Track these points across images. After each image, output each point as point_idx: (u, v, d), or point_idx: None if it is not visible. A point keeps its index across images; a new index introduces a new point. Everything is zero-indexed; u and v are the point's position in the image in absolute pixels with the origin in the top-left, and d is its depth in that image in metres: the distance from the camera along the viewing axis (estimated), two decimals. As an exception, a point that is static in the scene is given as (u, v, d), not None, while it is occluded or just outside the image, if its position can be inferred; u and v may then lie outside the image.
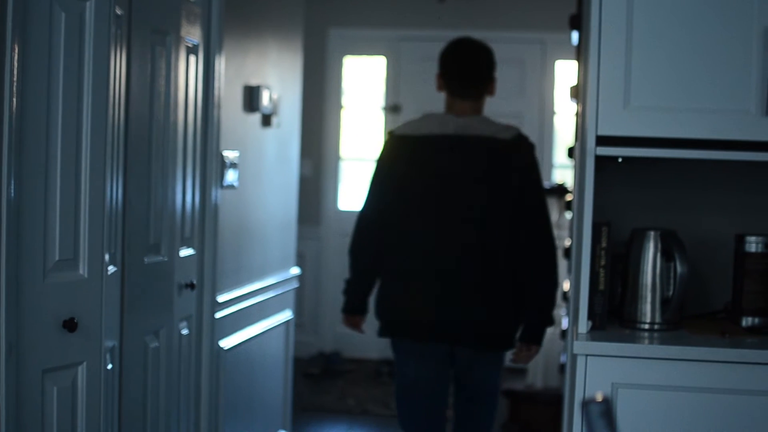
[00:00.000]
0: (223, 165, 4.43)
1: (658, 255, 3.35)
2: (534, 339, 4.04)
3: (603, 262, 3.28)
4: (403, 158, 4.10)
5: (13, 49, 2.79)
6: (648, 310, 3.35)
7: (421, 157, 4.06)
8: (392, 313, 4.10)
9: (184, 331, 4.20)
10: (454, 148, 4.02)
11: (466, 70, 4.13)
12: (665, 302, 3.34)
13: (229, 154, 4.50)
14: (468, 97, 4.11)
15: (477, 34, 4.76)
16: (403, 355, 4.11)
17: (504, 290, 3.99)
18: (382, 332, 4.14)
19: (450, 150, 4.02)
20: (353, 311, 4.30)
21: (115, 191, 3.45)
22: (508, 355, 4.20)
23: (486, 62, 4.15)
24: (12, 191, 2.82)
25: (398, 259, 4.06)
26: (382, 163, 4.17)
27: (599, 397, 1.75)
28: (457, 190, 4.02)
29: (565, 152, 6.21)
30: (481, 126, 4.04)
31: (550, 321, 4.04)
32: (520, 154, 4.02)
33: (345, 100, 8.52)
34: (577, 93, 4.77)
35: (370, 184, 4.19)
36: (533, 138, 4.40)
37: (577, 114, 4.77)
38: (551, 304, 4.05)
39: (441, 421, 4.18)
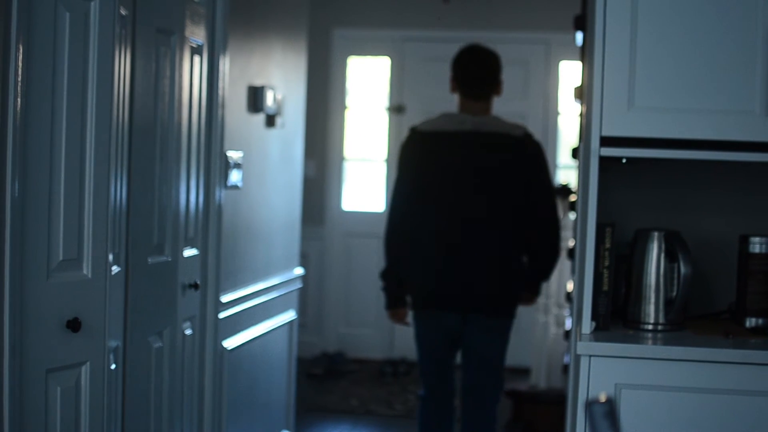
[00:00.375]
0: (227, 165, 4.44)
1: (662, 256, 3.35)
2: (536, 291, 4.83)
3: (607, 263, 3.28)
4: (426, 152, 4.65)
5: (17, 49, 2.80)
6: (651, 311, 3.35)
7: (443, 151, 4.63)
8: (419, 289, 4.69)
9: (188, 332, 4.20)
10: (472, 143, 4.60)
11: (478, 74, 4.70)
12: (669, 303, 3.34)
13: (233, 155, 4.51)
14: (480, 98, 4.69)
15: (481, 35, 5.08)
16: (422, 321, 4.72)
17: (511, 268, 4.63)
18: (412, 305, 4.76)
19: (468, 145, 4.61)
20: (395, 305, 4.78)
21: (119, 191, 3.45)
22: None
23: (494, 66, 4.72)
24: (16, 191, 2.82)
25: (424, 243, 4.64)
26: (406, 157, 4.72)
27: (603, 398, 1.75)
28: (475, 180, 4.60)
29: (569, 153, 6.21)
30: (494, 124, 4.63)
31: (548, 278, 4.85)
32: (528, 148, 4.62)
33: (349, 100, 8.52)
34: (581, 93, 4.77)
35: (397, 178, 4.75)
36: (537, 137, 4.89)
37: (581, 114, 4.77)
38: (552, 268, 4.78)
39: (451, 377, 4.77)
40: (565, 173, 8.28)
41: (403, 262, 4.68)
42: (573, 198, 6.05)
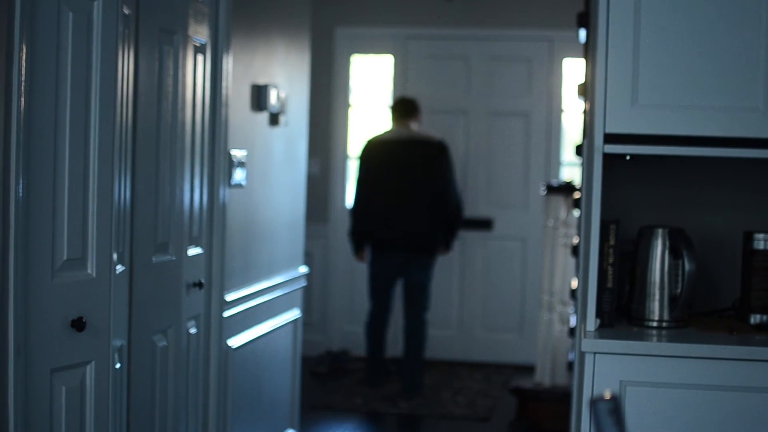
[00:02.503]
0: (230, 164, 4.44)
1: (666, 252, 3.35)
2: (448, 246, 7.24)
3: (611, 260, 3.28)
4: (379, 153, 7.12)
5: (21, 49, 2.80)
6: (656, 308, 3.35)
7: (390, 151, 7.10)
8: (373, 238, 7.14)
9: (193, 330, 4.20)
10: (408, 146, 7.10)
11: (404, 108, 7.27)
12: (673, 300, 3.34)
13: (237, 153, 4.51)
14: (405, 118, 7.23)
15: (484, 32, 5.90)
16: (376, 259, 7.18)
17: (433, 223, 7.02)
18: (368, 247, 7.19)
19: (405, 147, 7.10)
20: (359, 249, 7.26)
21: (123, 190, 3.46)
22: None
23: (413, 105, 7.28)
24: (20, 190, 2.83)
25: (377, 210, 7.09)
26: (366, 157, 7.15)
27: (607, 395, 1.75)
28: (410, 170, 7.04)
29: (573, 150, 6.21)
30: (419, 134, 7.20)
31: (456, 237, 7.24)
32: (440, 150, 7.07)
33: (353, 98, 8.53)
34: (584, 91, 4.77)
35: (360, 171, 7.16)
36: (540, 134, 8.17)
37: (584, 112, 4.77)
38: (457, 228, 7.18)
39: (392, 296, 7.28)
40: (569, 170, 8.28)
41: (364, 225, 7.13)
42: (577, 195, 6.04)
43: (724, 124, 3.17)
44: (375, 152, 7.11)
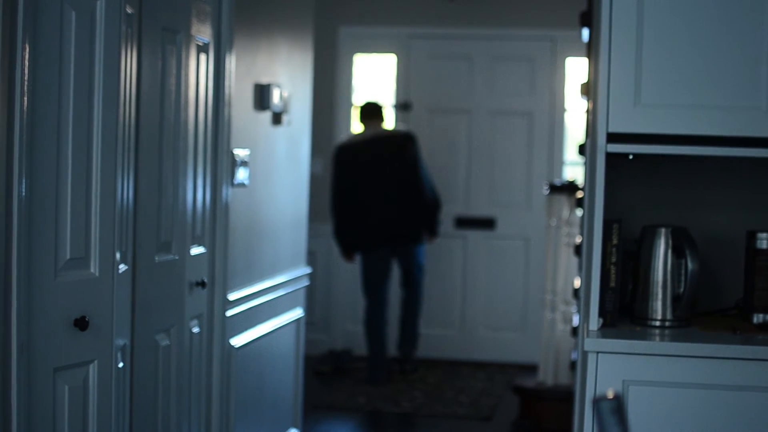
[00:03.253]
0: (233, 163, 4.44)
1: (669, 252, 3.35)
2: (434, 233, 7.64)
3: (614, 260, 3.27)
4: (352, 155, 7.47)
5: (24, 48, 2.80)
6: (659, 307, 3.34)
7: (362, 151, 7.46)
8: (361, 239, 7.50)
9: (195, 330, 4.20)
10: (377, 142, 7.47)
11: (370, 111, 7.62)
12: (676, 299, 3.34)
13: (240, 153, 4.51)
14: (372, 120, 7.59)
15: (487, 32, 5.84)
16: (367, 256, 7.53)
17: (414, 214, 7.45)
18: (358, 248, 7.55)
19: (375, 144, 7.46)
20: (351, 251, 7.59)
21: (126, 190, 3.46)
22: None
23: (379, 107, 7.62)
24: (23, 190, 2.83)
25: (359, 209, 7.45)
26: (339, 160, 7.47)
27: (610, 394, 1.75)
28: (384, 165, 7.42)
29: (576, 149, 6.21)
30: (386, 130, 7.63)
31: (438, 222, 7.61)
32: (408, 142, 7.47)
33: (356, 97, 8.52)
34: (587, 90, 4.77)
35: (335, 173, 7.47)
36: (543, 134, 8.25)
37: (587, 111, 4.77)
38: (436, 213, 7.54)
39: (386, 291, 7.60)
40: (572, 170, 8.27)
41: (345, 223, 7.45)
42: (579, 195, 6.04)
43: (727, 123, 3.17)
44: (348, 154, 7.45)
